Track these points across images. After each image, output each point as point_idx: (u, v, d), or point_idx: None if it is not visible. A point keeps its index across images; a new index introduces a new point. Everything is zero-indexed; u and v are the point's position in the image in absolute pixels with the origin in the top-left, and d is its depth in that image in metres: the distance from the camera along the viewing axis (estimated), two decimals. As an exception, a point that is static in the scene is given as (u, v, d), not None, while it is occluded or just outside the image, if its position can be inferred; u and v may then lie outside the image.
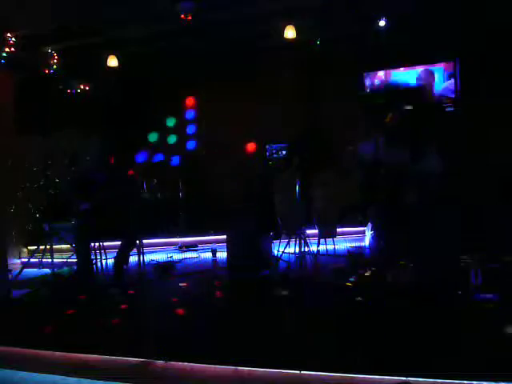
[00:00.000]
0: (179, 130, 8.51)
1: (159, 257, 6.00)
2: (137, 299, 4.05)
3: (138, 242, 4.86)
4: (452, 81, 7.43)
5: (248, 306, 3.62)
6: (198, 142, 8.40)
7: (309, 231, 5.53)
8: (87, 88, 7.55)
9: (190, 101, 8.40)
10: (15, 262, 6.15)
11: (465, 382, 2.06)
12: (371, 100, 3.79)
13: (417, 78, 7.54)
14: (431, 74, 7.54)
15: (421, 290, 3.44)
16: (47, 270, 5.24)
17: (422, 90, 3.85)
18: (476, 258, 3.62)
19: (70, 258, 5.50)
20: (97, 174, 4.62)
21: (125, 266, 4.62)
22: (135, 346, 2.78)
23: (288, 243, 5.16)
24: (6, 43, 5.81)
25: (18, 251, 6.50)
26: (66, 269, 4.98)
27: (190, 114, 8.61)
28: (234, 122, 7.92)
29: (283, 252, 5.09)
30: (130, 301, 3.94)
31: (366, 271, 4.08)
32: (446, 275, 3.61)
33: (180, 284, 4.49)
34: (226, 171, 7.58)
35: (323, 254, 5.39)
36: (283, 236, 5.44)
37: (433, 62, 7.52)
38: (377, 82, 7.70)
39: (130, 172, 6.73)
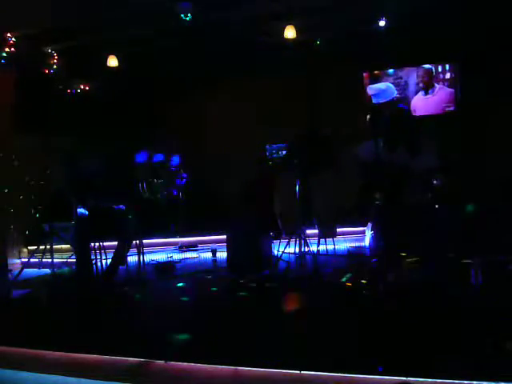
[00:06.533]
0: (178, 129, 8.50)
1: (159, 257, 6.00)
2: (136, 299, 4.05)
3: (137, 242, 4.85)
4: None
5: (248, 306, 3.62)
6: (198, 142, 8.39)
7: (309, 231, 5.53)
8: (87, 88, 7.55)
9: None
10: (15, 262, 6.15)
11: (465, 382, 2.06)
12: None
13: (416, 76, 7.65)
14: (429, 71, 7.63)
15: (421, 290, 3.44)
16: (47, 270, 5.23)
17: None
18: (476, 257, 3.62)
19: (69, 257, 5.49)
20: (96, 175, 4.60)
21: (124, 267, 4.61)
22: (135, 345, 2.78)
23: (288, 243, 5.16)
24: (6, 43, 5.82)
25: (18, 251, 6.50)
26: (66, 269, 4.98)
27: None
28: (233, 121, 7.94)
29: (283, 252, 5.08)
30: (129, 301, 3.94)
31: (366, 271, 4.08)
32: (446, 274, 3.61)
33: (180, 284, 4.49)
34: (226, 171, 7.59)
35: (323, 254, 5.39)
36: (283, 236, 5.44)
37: (433, 61, 7.54)
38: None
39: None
